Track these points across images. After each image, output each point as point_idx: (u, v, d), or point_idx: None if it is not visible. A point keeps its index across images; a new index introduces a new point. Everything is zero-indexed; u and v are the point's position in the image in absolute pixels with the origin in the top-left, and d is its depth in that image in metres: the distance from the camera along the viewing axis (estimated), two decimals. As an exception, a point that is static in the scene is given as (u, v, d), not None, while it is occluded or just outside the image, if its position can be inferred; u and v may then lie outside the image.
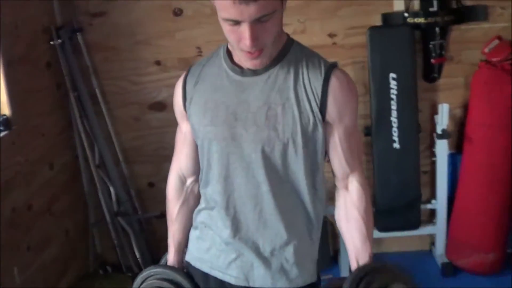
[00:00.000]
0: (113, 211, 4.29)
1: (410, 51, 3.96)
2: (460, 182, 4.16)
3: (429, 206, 4.28)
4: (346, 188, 2.04)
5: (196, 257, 2.11)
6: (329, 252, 4.41)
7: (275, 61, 1.88)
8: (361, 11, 4.06)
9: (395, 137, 4.04)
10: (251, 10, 1.65)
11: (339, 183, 2.07)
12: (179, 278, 2.12)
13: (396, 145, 4.05)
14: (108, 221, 4.27)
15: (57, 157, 4.04)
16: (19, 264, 3.42)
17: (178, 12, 4.11)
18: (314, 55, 1.94)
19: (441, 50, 4.01)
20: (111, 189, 4.29)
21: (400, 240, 4.47)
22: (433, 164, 4.24)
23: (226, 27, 1.74)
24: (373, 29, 3.95)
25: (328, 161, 2.03)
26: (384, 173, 4.13)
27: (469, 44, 4.09)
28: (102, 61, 4.22)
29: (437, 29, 3.95)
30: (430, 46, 3.98)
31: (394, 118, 4.01)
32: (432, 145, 4.21)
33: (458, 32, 4.08)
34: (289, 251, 1.98)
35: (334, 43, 4.14)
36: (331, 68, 1.90)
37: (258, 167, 1.89)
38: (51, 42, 3.96)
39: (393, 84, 3.96)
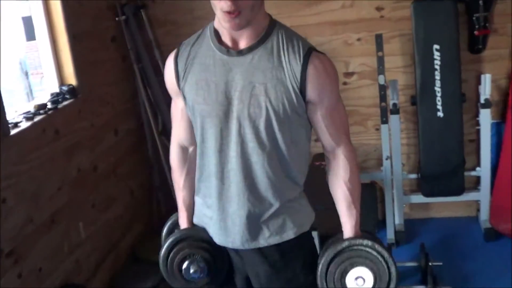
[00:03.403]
0: (174, 174, 4.60)
1: (453, 24, 4.09)
2: (503, 149, 4.30)
3: (473, 173, 4.42)
4: (334, 159, 2.21)
5: (203, 221, 2.33)
6: (377, 217, 4.61)
7: (258, 43, 2.07)
8: (407, -15, 4.23)
9: (439, 106, 4.19)
10: None
11: (327, 154, 2.24)
12: (202, 234, 2.30)
13: (440, 114, 4.20)
14: (170, 184, 4.60)
15: (122, 124, 4.38)
16: (84, 220, 3.77)
17: (234, -12, 4.35)
18: (295, 37, 2.11)
19: (485, 23, 4.13)
20: (173, 154, 4.60)
21: (448, 205, 4.65)
22: (478, 132, 4.35)
23: None
24: (417, 2, 4.10)
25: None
26: (428, 140, 4.29)
27: (513, 17, 4.20)
28: (164, 35, 4.54)
29: (480, 2, 4.07)
30: (474, 18, 4.11)
31: (437, 88, 4.16)
32: (477, 114, 4.33)
33: (503, 5, 4.19)
34: (277, 217, 2.19)
35: (382, 16, 4.33)
36: (308, 53, 2.05)
37: (247, 141, 2.09)
38: (116, 18, 4.31)
39: (436, 55, 4.11)
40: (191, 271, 2.30)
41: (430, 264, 3.82)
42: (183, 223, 2.39)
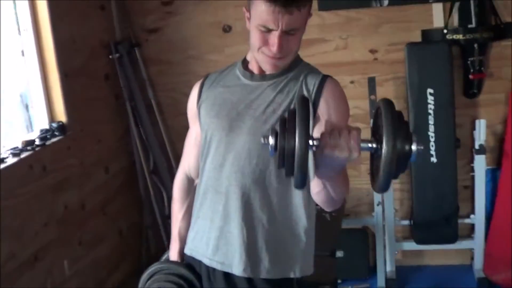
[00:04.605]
0: (165, 214, 4.57)
1: (448, 67, 4.07)
2: (498, 197, 4.23)
3: (467, 220, 4.34)
4: None
5: (191, 247, 2.29)
6: (369, 263, 4.52)
7: (283, 72, 2.11)
8: (401, 28, 4.23)
9: (432, 151, 4.13)
10: (284, 21, 1.91)
11: None
12: (182, 271, 2.31)
13: (434, 159, 4.15)
14: (159, 224, 4.55)
15: (113, 162, 4.34)
16: (70, 257, 3.70)
17: (227, 29, 4.39)
18: (317, 70, 2.15)
19: (480, 66, 4.10)
20: (164, 194, 4.57)
21: (442, 253, 4.54)
22: (473, 179, 4.28)
23: (255, 33, 1.99)
24: (410, 45, 4.09)
25: None
26: (421, 186, 4.23)
27: (510, 60, 4.16)
28: (157, 74, 4.54)
29: (475, 45, 4.05)
30: (468, 62, 4.08)
31: (431, 133, 4.11)
32: (472, 160, 4.27)
33: (499, 48, 4.17)
34: (268, 243, 2.12)
35: (375, 59, 4.31)
36: (326, 76, 2.11)
37: (251, 158, 2.07)
38: (110, 56, 4.31)
39: (430, 99, 4.08)
40: None
41: (421, 313, 3.74)
42: (173, 255, 2.39)
